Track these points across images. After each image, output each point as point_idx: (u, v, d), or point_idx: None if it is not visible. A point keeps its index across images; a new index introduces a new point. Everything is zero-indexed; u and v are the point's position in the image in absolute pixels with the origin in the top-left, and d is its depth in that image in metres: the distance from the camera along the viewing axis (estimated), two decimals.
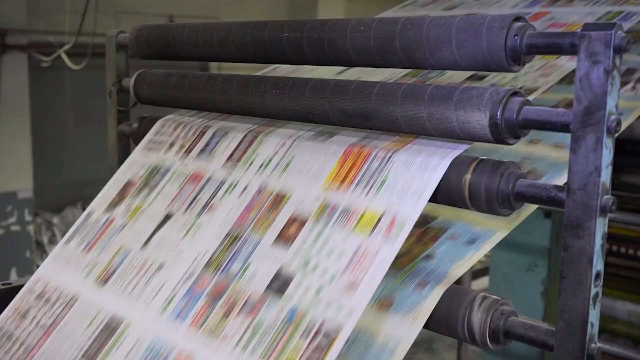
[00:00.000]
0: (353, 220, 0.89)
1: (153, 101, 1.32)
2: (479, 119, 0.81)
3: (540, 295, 2.96)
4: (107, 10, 5.46)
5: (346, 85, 0.96)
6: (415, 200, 0.85)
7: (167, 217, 1.11)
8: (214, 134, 1.17)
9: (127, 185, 1.23)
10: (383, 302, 0.93)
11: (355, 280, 0.83)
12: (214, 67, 6.48)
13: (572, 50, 0.75)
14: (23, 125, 5.44)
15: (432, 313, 0.89)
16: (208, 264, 0.99)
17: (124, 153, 1.39)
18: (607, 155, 0.73)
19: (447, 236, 1.02)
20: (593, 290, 0.74)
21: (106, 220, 1.19)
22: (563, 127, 0.76)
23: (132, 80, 1.34)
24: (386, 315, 0.92)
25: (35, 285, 1.17)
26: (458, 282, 0.93)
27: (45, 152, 6.12)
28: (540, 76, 1.17)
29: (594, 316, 0.75)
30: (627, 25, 1.23)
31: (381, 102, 0.90)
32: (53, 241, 6.06)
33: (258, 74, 1.26)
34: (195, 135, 1.20)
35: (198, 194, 1.10)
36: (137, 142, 1.33)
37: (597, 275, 0.74)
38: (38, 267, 1.22)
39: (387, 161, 0.91)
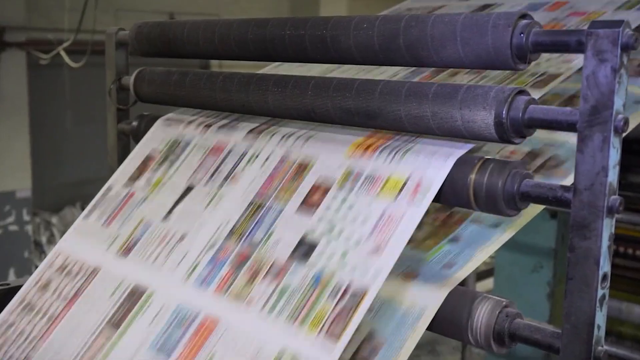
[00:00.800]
0: (378, 185, 0.90)
1: (153, 99, 1.32)
2: (484, 118, 0.81)
3: (545, 297, 2.96)
4: (106, 7, 5.47)
5: (349, 84, 0.96)
6: (441, 163, 0.86)
7: (188, 189, 1.12)
8: (236, 117, 1.19)
9: (147, 160, 1.24)
10: (408, 274, 0.95)
11: (380, 244, 0.84)
12: (215, 65, 6.49)
13: (579, 48, 0.75)
14: (21, 123, 5.45)
15: (436, 315, 0.89)
16: (231, 233, 1.00)
17: (124, 152, 1.39)
18: (615, 155, 0.73)
19: (472, 219, 1.02)
20: (600, 292, 0.74)
21: (126, 194, 1.21)
22: (569, 126, 0.76)
23: (132, 78, 1.34)
24: (410, 284, 0.93)
25: (56, 259, 1.19)
26: (462, 283, 0.93)
27: (44, 151, 6.13)
28: (563, 62, 1.16)
29: (600, 318, 0.75)
30: None
31: (385, 101, 0.90)
32: (52, 241, 6.06)
33: (260, 71, 1.26)
34: (217, 115, 1.22)
35: (220, 165, 1.11)
36: (137, 141, 1.33)
37: (604, 276, 0.74)
38: (37, 267, 1.22)
39: (412, 141, 0.93)
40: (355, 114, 0.94)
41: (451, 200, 0.87)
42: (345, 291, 0.83)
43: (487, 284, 4.39)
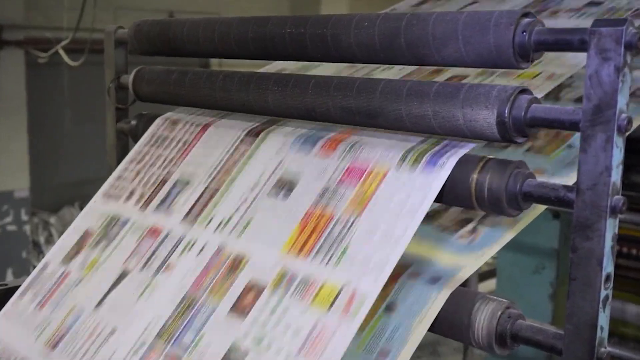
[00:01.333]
0: (311, 292, 0.86)
1: (152, 98, 1.32)
2: (486, 117, 0.81)
3: (548, 298, 2.96)
4: (106, 5, 5.46)
5: (350, 83, 0.96)
6: (376, 275, 0.82)
7: (123, 275, 1.09)
8: (174, 185, 1.16)
9: (85, 236, 1.21)
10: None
11: None
12: (215, 63, 6.48)
13: (582, 47, 0.75)
14: (20, 122, 5.45)
15: (437, 315, 0.89)
16: (160, 333, 0.96)
17: (123, 151, 1.39)
18: (618, 154, 0.73)
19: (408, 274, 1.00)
20: (603, 293, 0.74)
21: (62, 274, 1.17)
22: (572, 126, 0.76)
23: (131, 77, 1.34)
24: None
25: None
26: (464, 284, 0.93)
27: (42, 150, 6.13)
28: None
29: (603, 319, 0.75)
30: None
31: (386, 100, 0.90)
32: (50, 241, 6.07)
33: (260, 70, 1.26)
34: (156, 185, 1.19)
35: (156, 250, 1.08)
36: (135, 140, 1.33)
37: (607, 277, 0.74)
38: (34, 267, 1.22)
39: (350, 227, 0.89)
40: (356, 113, 0.94)
41: (452, 200, 0.87)
42: None
43: (489, 284, 4.39)
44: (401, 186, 0.87)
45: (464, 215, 1.05)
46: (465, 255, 0.97)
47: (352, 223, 0.89)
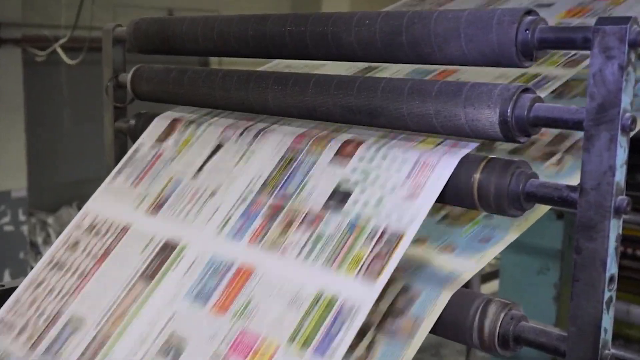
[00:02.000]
0: (415, 139, 0.92)
1: (151, 97, 1.32)
2: (489, 116, 0.81)
3: (552, 300, 2.95)
4: (104, 3, 5.46)
5: (351, 82, 0.96)
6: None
7: (218, 147, 1.13)
8: (66, 324, 1.08)
9: (175, 122, 1.25)
10: (445, 247, 0.98)
11: (415, 190, 0.87)
12: (215, 62, 6.48)
13: (586, 45, 0.75)
14: (17, 122, 5.45)
15: (440, 317, 0.89)
16: (264, 186, 1.02)
17: (121, 151, 1.40)
18: (622, 154, 0.73)
19: None
20: (607, 295, 0.74)
21: (154, 155, 1.22)
22: (576, 125, 0.76)
23: (130, 75, 1.34)
24: (450, 256, 0.97)
25: (83, 220, 1.20)
26: (466, 285, 0.93)
27: (40, 150, 6.13)
28: None
29: (607, 321, 0.75)
30: None
31: (387, 99, 0.90)
32: (48, 242, 6.07)
33: (260, 69, 1.26)
34: (48, 323, 1.10)
35: (250, 125, 1.13)
36: (134, 140, 1.33)
37: (611, 278, 0.74)
38: (32, 268, 1.22)
39: None
40: (357, 112, 0.94)
41: (454, 200, 0.87)
42: (381, 235, 0.85)
43: (492, 286, 4.38)
44: None
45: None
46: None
47: None
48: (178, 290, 0.99)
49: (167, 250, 1.04)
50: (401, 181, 0.88)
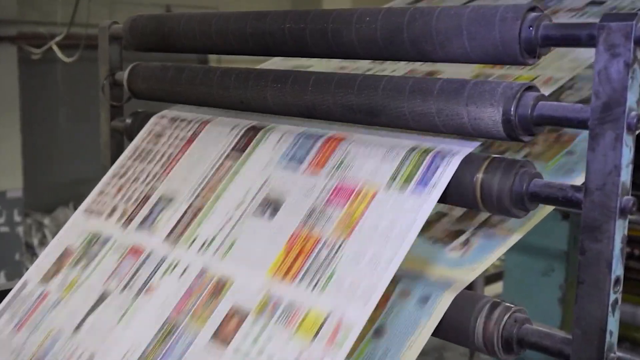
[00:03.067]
0: (296, 320, 0.85)
1: (148, 96, 1.32)
2: (492, 115, 0.81)
3: (557, 302, 2.95)
4: None
5: (351, 80, 0.96)
6: (363, 303, 0.81)
7: (103, 296, 1.08)
8: (157, 202, 1.15)
9: (64, 255, 1.20)
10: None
11: None
12: (213, 59, 6.48)
13: (590, 42, 0.75)
14: (12, 121, 5.45)
15: (442, 320, 0.88)
16: None
17: (118, 150, 1.40)
18: (627, 153, 0.73)
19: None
20: (612, 297, 0.74)
21: (40, 294, 1.17)
22: (580, 124, 0.76)
23: (126, 73, 1.34)
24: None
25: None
26: (470, 287, 0.93)
27: (35, 149, 6.13)
28: None
29: (613, 324, 0.74)
30: None
31: (388, 97, 0.90)
32: (44, 243, 6.07)
33: (259, 67, 1.25)
34: (138, 202, 1.18)
35: (137, 271, 1.08)
36: (130, 139, 1.33)
37: (617, 280, 0.74)
38: (27, 269, 1.22)
39: (337, 251, 0.88)
40: (357, 111, 0.94)
41: (457, 201, 0.87)
42: None
43: (496, 287, 4.38)
44: (390, 208, 0.87)
45: (457, 227, 1.05)
46: (457, 270, 0.96)
47: (340, 246, 0.88)
48: (270, 157, 1.04)
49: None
50: None
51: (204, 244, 1.03)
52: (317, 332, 0.82)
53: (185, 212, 1.09)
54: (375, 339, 0.92)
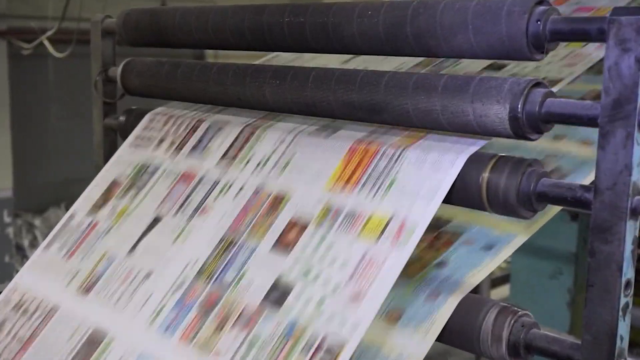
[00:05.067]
0: (359, 224, 0.89)
1: (142, 92, 1.32)
2: (498, 112, 0.81)
3: (565, 305, 2.95)
4: None
5: (352, 76, 0.95)
6: (426, 203, 0.85)
7: (155, 220, 1.12)
8: (207, 129, 1.18)
9: (113, 186, 1.24)
10: (392, 314, 0.94)
11: (360, 291, 0.83)
12: (210, 55, 6.47)
13: (600, 37, 0.75)
14: (2, 118, 5.45)
15: (446, 324, 0.89)
16: (200, 272, 0.99)
17: (111, 149, 1.40)
18: (639, 152, 0.73)
19: (462, 241, 1.02)
20: (623, 300, 0.74)
21: (89, 224, 1.20)
22: (590, 121, 0.76)
23: (119, 69, 1.34)
24: (395, 328, 0.92)
25: (12, 295, 1.18)
26: (475, 290, 0.93)
27: (26, 147, 6.12)
28: (565, 66, 1.16)
29: (623, 328, 0.74)
30: None
31: (391, 94, 0.90)
32: (34, 244, 6.06)
33: (257, 62, 1.25)
34: (188, 131, 1.21)
35: (190, 194, 1.11)
36: (124, 137, 1.33)
37: (627, 283, 0.74)
38: (18, 272, 1.22)
39: (397, 159, 0.91)
40: (359, 108, 0.94)
41: (462, 201, 0.87)
42: (319, 346, 0.82)
43: (503, 291, 4.38)
44: None
45: None
46: (518, 222, 0.98)
47: (399, 156, 0.91)
48: None
49: (94, 343, 1.02)
50: (345, 280, 0.85)
51: (258, 164, 1.06)
52: (382, 233, 0.86)
53: (237, 137, 1.13)
54: (437, 269, 0.99)
